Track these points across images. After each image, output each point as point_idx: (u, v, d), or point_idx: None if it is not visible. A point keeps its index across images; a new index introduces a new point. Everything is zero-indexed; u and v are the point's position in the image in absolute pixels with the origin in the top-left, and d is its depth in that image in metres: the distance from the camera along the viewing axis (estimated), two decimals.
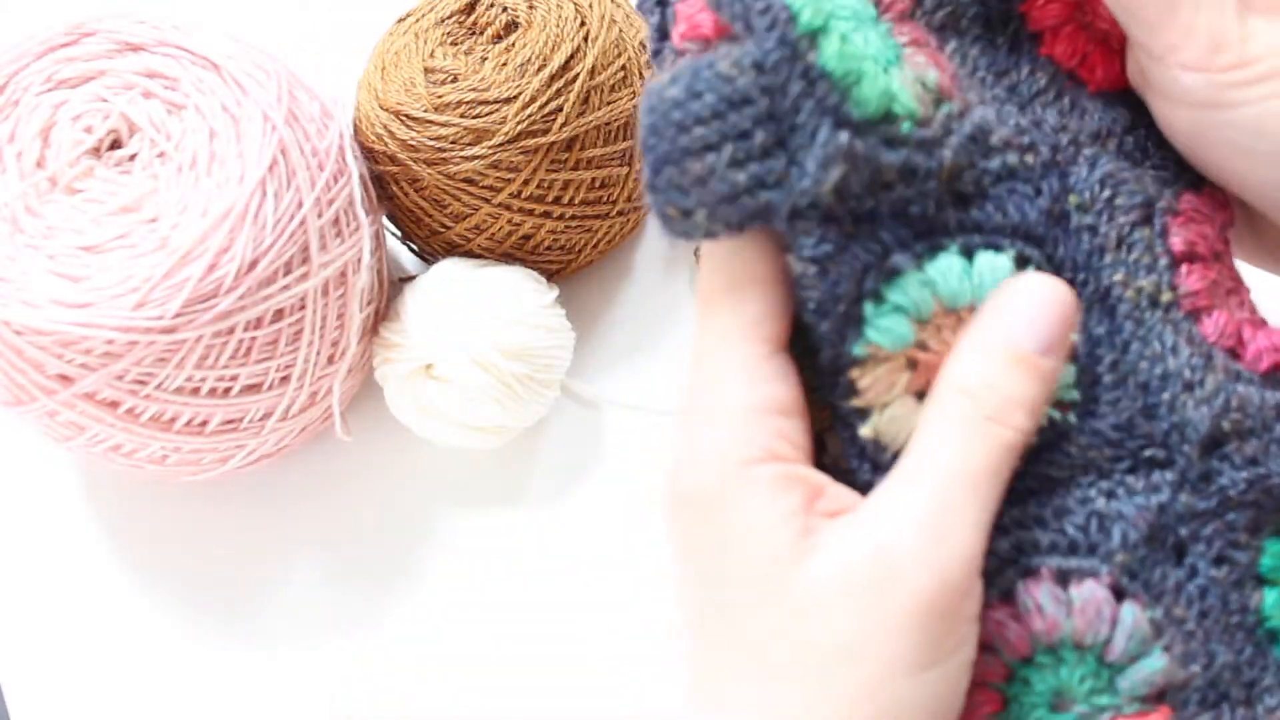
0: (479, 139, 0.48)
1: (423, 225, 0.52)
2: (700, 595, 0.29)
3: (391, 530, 0.52)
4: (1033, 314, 0.28)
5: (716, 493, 0.28)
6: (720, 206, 0.26)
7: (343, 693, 0.49)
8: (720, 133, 0.26)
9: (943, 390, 0.28)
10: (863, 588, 0.26)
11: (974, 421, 0.27)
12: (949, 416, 0.28)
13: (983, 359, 0.28)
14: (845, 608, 0.26)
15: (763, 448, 0.28)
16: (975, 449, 0.27)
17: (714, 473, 0.28)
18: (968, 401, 0.27)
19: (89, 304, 0.43)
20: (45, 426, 0.47)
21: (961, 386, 0.28)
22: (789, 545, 0.27)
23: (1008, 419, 0.27)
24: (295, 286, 0.45)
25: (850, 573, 0.26)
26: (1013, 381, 0.27)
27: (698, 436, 0.29)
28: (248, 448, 0.48)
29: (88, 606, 0.52)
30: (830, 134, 0.25)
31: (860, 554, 0.27)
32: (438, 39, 0.51)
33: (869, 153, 0.25)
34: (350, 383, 0.51)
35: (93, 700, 0.50)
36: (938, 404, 0.28)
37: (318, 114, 0.48)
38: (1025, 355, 0.27)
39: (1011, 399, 0.27)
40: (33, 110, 0.47)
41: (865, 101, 0.25)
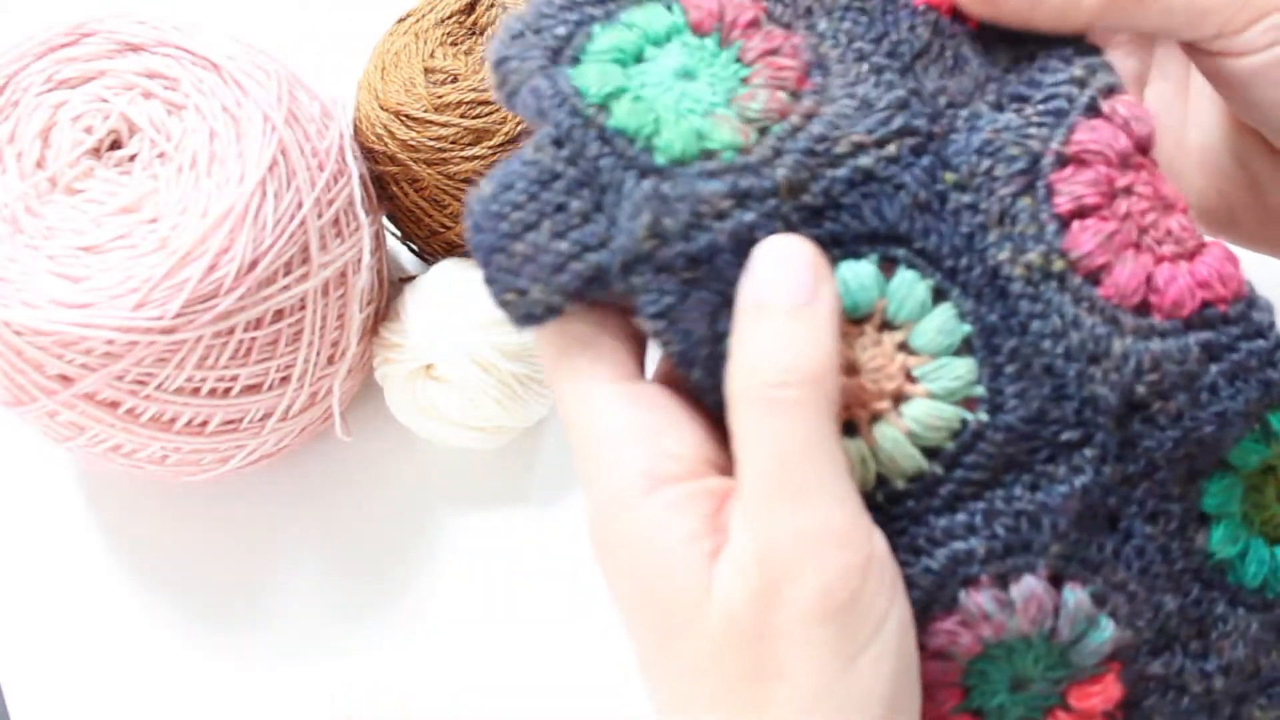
0: (479, 139, 0.48)
1: (423, 225, 0.52)
2: (637, 633, 0.28)
3: (391, 530, 0.52)
4: (770, 272, 0.27)
5: (615, 534, 0.27)
6: (552, 278, 0.27)
7: (343, 693, 0.49)
8: (537, 211, 0.27)
9: (731, 376, 0.27)
10: (758, 605, 0.26)
11: (768, 398, 0.26)
12: (745, 401, 0.27)
13: (747, 332, 0.27)
14: (755, 629, 0.26)
15: (645, 474, 0.27)
16: (779, 427, 0.26)
17: (607, 516, 0.27)
18: (753, 379, 0.27)
19: (89, 304, 0.43)
20: (45, 427, 0.47)
21: (742, 367, 0.27)
22: (696, 573, 0.26)
23: (793, 378, 0.26)
24: (295, 287, 0.45)
25: (741, 594, 0.26)
26: (782, 341, 0.26)
27: (590, 484, 0.28)
28: (248, 448, 0.48)
29: (88, 606, 0.52)
30: (635, 183, 0.26)
31: (739, 573, 0.26)
32: (438, 39, 0.51)
33: (684, 190, 0.26)
34: (350, 383, 0.51)
35: (93, 700, 0.50)
36: (731, 394, 0.27)
37: (318, 114, 0.48)
38: (782, 308, 0.26)
39: (787, 357, 0.26)
40: (33, 110, 0.47)
41: (669, 146, 0.26)
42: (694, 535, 0.26)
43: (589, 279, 0.27)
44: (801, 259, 0.27)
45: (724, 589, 0.26)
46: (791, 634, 0.25)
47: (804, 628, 0.25)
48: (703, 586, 0.26)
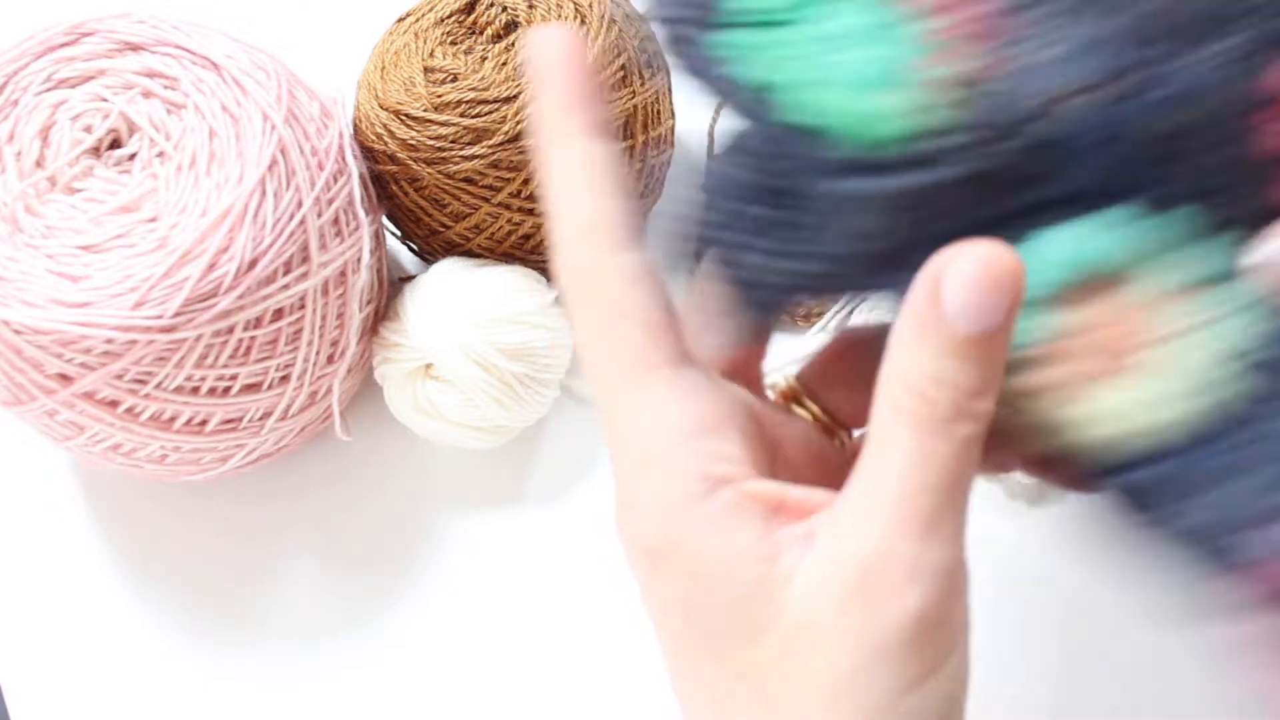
0: (479, 138, 0.48)
1: (422, 225, 0.52)
2: (684, 640, 0.27)
3: (391, 530, 0.52)
4: (966, 292, 0.24)
5: (668, 541, 0.26)
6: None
7: (343, 693, 0.49)
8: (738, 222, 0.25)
9: (890, 388, 0.26)
10: (847, 613, 0.25)
11: (930, 424, 0.25)
12: (903, 419, 0.25)
13: (923, 351, 0.25)
14: (840, 635, 0.25)
15: (699, 477, 0.26)
16: (939, 454, 0.25)
17: (659, 521, 0.26)
18: (918, 402, 0.25)
19: (88, 303, 0.43)
20: (44, 426, 0.47)
21: (908, 385, 0.25)
22: (757, 582, 0.26)
23: (965, 413, 0.25)
24: (295, 286, 0.45)
25: (837, 598, 0.25)
26: (961, 371, 0.25)
27: (632, 484, 0.27)
28: (247, 447, 0.48)
29: (87, 606, 0.52)
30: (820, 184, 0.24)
31: (841, 577, 0.25)
32: (437, 38, 0.51)
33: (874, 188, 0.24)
34: (350, 382, 0.51)
35: (93, 700, 0.50)
36: (888, 403, 0.26)
37: (317, 114, 0.48)
38: (967, 339, 0.25)
39: (963, 390, 0.25)
40: (32, 110, 0.47)
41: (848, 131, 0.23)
42: (752, 542, 0.26)
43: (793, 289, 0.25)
44: (998, 280, 0.24)
45: (808, 594, 0.25)
46: (876, 647, 0.25)
47: (890, 644, 0.25)
48: (766, 594, 0.26)
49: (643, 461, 0.27)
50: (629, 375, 0.27)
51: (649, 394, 0.27)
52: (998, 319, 0.25)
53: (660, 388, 0.27)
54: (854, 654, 0.25)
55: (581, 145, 0.28)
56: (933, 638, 0.26)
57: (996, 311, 0.25)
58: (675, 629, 0.27)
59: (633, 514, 0.27)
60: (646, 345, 0.27)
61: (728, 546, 0.26)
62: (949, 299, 0.25)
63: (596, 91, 0.28)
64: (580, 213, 0.28)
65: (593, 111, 0.28)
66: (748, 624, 0.26)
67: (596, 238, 0.28)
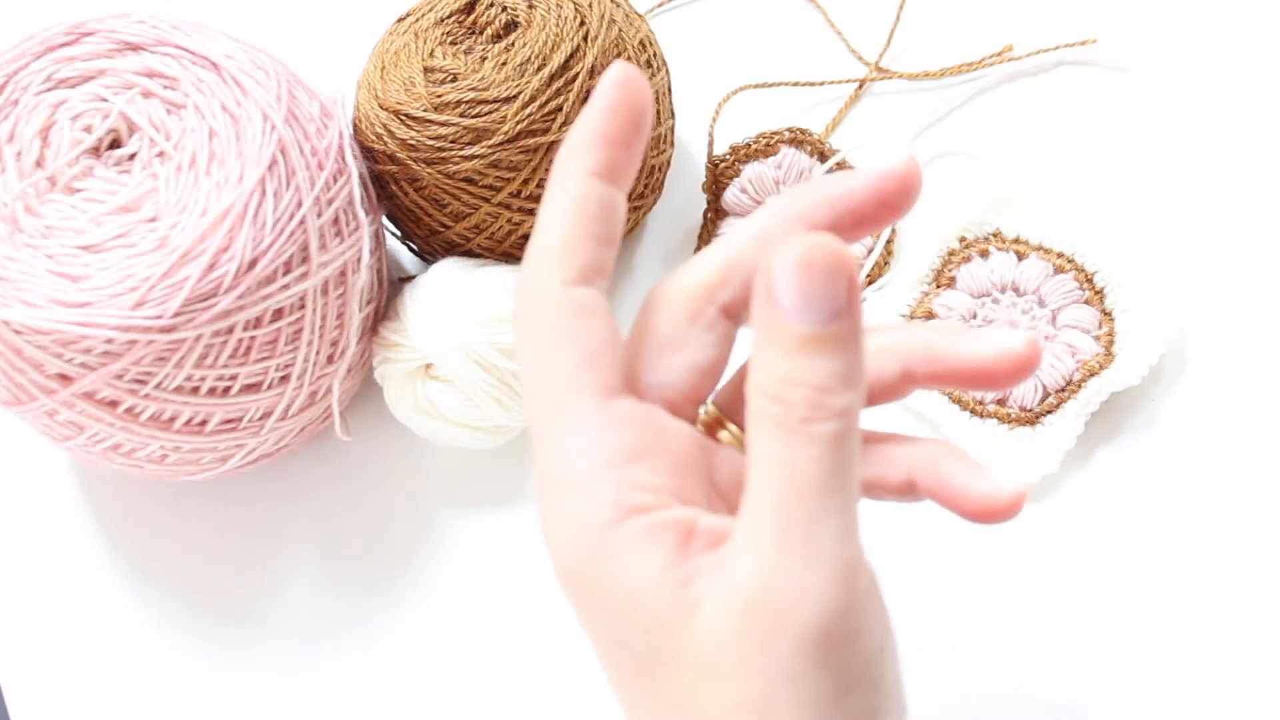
0: (479, 138, 0.48)
1: (422, 225, 0.52)
2: (615, 665, 0.28)
3: (391, 530, 0.52)
4: (800, 286, 0.24)
5: (588, 564, 0.26)
6: None
7: (343, 692, 0.49)
8: None
9: (750, 400, 0.26)
10: (752, 638, 0.25)
11: (789, 427, 0.25)
12: (766, 428, 0.25)
13: (772, 354, 0.25)
14: (744, 662, 0.25)
15: (613, 504, 0.26)
16: (804, 458, 0.25)
17: (578, 546, 0.27)
18: (776, 407, 0.25)
19: (88, 303, 0.43)
20: (44, 426, 0.47)
21: (764, 392, 0.25)
22: (671, 604, 0.26)
23: (825, 410, 0.25)
24: (295, 286, 0.45)
25: (735, 625, 0.25)
26: (812, 369, 0.24)
27: (554, 509, 0.27)
28: (247, 447, 0.48)
29: (87, 606, 0.52)
30: None
31: (736, 603, 0.25)
32: (437, 38, 0.51)
33: None
34: (350, 382, 0.51)
35: (93, 700, 0.50)
36: (750, 416, 0.26)
37: (317, 114, 0.48)
38: (814, 335, 0.24)
39: (817, 387, 0.24)
40: (32, 110, 0.47)
41: None
42: (665, 567, 0.26)
43: None
44: (831, 268, 0.24)
45: (713, 621, 0.25)
46: (783, 670, 0.25)
47: (797, 666, 0.25)
48: (679, 619, 0.26)
49: (560, 485, 0.27)
50: (558, 400, 0.27)
51: (574, 420, 0.27)
52: (836, 306, 0.24)
53: (586, 415, 0.27)
54: (761, 681, 0.25)
55: (583, 180, 0.28)
56: (840, 652, 0.25)
57: (833, 299, 0.24)
58: (606, 654, 0.28)
59: (550, 535, 0.27)
60: (578, 373, 0.27)
61: (638, 573, 0.26)
62: (781, 296, 0.24)
63: (629, 142, 0.29)
64: (550, 238, 0.28)
65: (612, 156, 0.29)
66: (664, 651, 0.26)
67: (556, 266, 0.28)
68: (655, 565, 0.26)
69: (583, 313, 0.28)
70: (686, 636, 0.25)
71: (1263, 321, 0.52)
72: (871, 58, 0.60)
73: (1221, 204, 0.54)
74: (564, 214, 0.28)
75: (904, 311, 0.53)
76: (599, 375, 0.27)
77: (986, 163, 0.56)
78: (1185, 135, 0.56)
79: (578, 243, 0.28)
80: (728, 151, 0.56)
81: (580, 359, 0.27)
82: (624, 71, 0.28)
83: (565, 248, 0.28)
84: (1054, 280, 0.52)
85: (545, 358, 0.28)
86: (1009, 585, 0.48)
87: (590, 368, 0.27)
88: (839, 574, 0.25)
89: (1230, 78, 0.57)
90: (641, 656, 0.26)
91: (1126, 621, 0.47)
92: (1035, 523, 0.49)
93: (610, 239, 0.29)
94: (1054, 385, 0.50)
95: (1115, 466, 0.49)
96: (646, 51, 0.51)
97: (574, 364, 0.27)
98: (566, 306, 0.28)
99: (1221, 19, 0.59)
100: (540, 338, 0.28)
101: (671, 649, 0.26)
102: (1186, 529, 0.48)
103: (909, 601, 0.48)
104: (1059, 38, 0.59)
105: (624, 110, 0.28)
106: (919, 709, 0.46)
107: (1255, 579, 0.47)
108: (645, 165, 0.52)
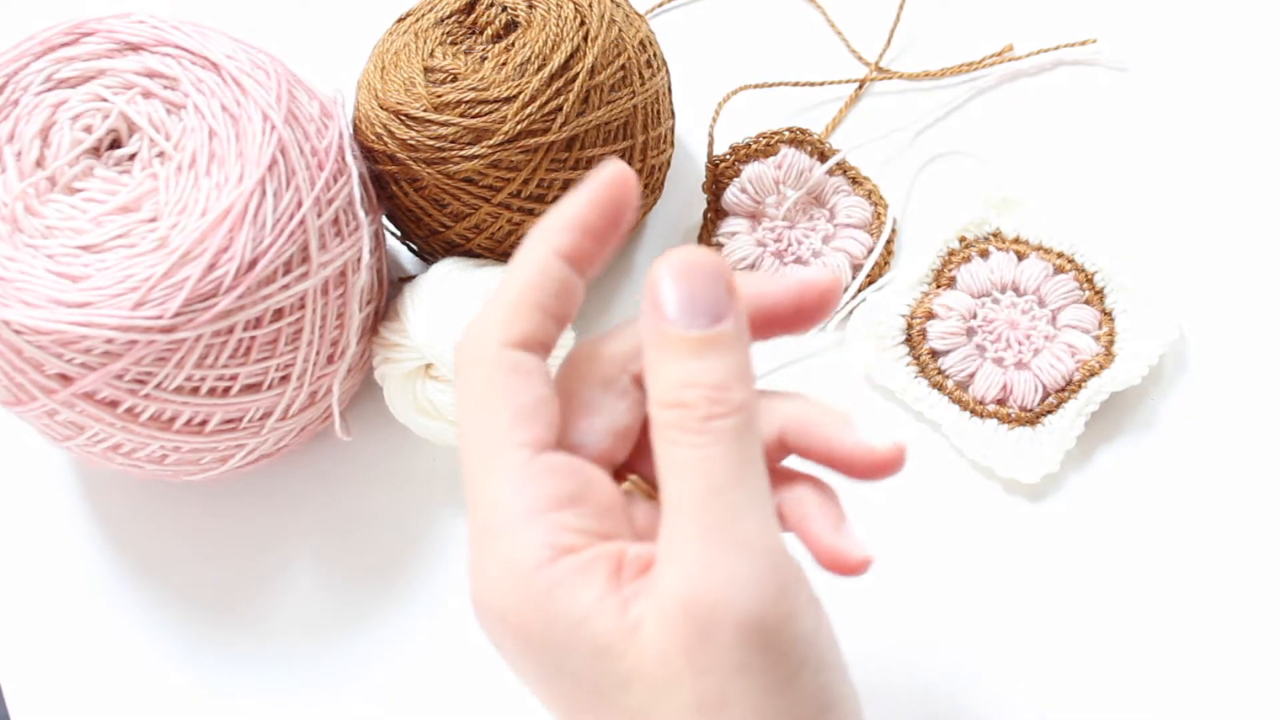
0: (479, 138, 0.48)
1: (422, 225, 0.52)
2: (556, 694, 0.28)
3: (391, 530, 0.52)
4: (683, 292, 0.26)
5: (524, 602, 0.27)
6: None
7: (342, 692, 0.49)
8: None
9: (653, 411, 0.27)
10: (693, 640, 0.26)
11: (695, 426, 0.26)
12: (671, 436, 0.26)
13: (665, 362, 0.27)
14: (691, 665, 0.26)
15: (545, 545, 0.27)
16: (713, 454, 0.26)
17: (511, 588, 0.27)
18: (677, 412, 0.26)
19: (88, 303, 0.43)
20: (45, 426, 0.47)
21: (663, 400, 0.27)
22: (613, 629, 0.26)
23: (725, 405, 0.26)
24: (295, 286, 0.45)
25: (675, 631, 0.26)
26: (705, 368, 0.26)
27: (486, 555, 0.28)
28: (247, 447, 0.48)
29: (87, 606, 0.52)
30: None
31: (672, 610, 0.26)
32: (437, 38, 0.51)
33: None
34: (350, 382, 0.51)
35: (93, 700, 0.50)
36: (657, 428, 0.27)
37: (317, 114, 0.48)
38: (701, 337, 0.26)
39: (714, 384, 0.26)
40: (32, 110, 0.47)
41: None
42: (601, 595, 0.27)
43: None
44: (705, 273, 0.26)
45: (654, 633, 0.26)
46: (730, 664, 0.25)
47: (742, 657, 0.25)
48: (622, 641, 0.26)
49: (492, 532, 0.28)
50: (491, 453, 0.28)
51: (506, 471, 0.28)
52: (719, 309, 0.26)
53: (516, 467, 0.28)
54: (711, 679, 0.26)
55: (548, 257, 0.30)
56: (781, 637, 0.26)
57: (716, 302, 0.26)
58: (548, 688, 0.28)
59: (482, 580, 0.28)
60: (511, 429, 0.28)
61: (577, 605, 0.27)
62: (667, 304, 0.26)
63: (603, 235, 0.30)
64: (501, 301, 0.30)
65: (582, 244, 0.30)
66: (613, 674, 0.27)
67: (502, 326, 0.29)
68: (592, 595, 0.27)
69: (519, 372, 0.29)
70: (635, 655, 0.26)
71: (1263, 321, 0.52)
72: (871, 58, 0.60)
73: (1221, 204, 0.54)
74: (520, 283, 0.30)
75: (904, 311, 0.53)
76: (530, 431, 0.28)
77: (986, 163, 0.56)
78: (1185, 135, 0.56)
79: (525, 311, 0.29)
80: (728, 151, 0.56)
81: (513, 415, 0.28)
82: (617, 171, 0.30)
83: (513, 313, 0.29)
84: (1054, 280, 0.52)
85: (481, 410, 0.29)
86: (1009, 585, 0.48)
87: (522, 424, 0.28)
88: (767, 561, 0.26)
89: (1230, 78, 0.57)
90: (590, 683, 0.27)
91: (1126, 621, 0.47)
92: (1035, 523, 0.49)
93: (561, 317, 0.30)
94: (1054, 385, 0.50)
95: (1115, 466, 0.49)
96: (646, 51, 0.51)
97: (508, 420, 0.28)
98: (503, 365, 0.29)
99: (1221, 19, 0.59)
100: (477, 391, 0.29)
101: (620, 670, 0.26)
102: (1186, 529, 0.48)
103: (909, 601, 0.48)
104: (1059, 38, 0.59)
105: (606, 205, 0.30)
106: (917, 707, 0.46)
107: (1255, 579, 0.47)
108: (646, 165, 0.52)
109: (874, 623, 0.46)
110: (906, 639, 0.47)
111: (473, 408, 0.29)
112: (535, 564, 0.27)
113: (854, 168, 0.56)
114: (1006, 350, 0.51)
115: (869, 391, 0.52)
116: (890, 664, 0.46)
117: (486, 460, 0.28)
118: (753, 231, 0.55)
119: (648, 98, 0.51)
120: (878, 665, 0.46)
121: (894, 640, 0.47)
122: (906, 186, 0.56)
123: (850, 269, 0.54)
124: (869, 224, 0.55)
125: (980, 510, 0.49)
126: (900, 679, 0.46)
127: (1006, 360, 0.51)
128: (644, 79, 0.51)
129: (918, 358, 0.52)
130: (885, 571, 0.47)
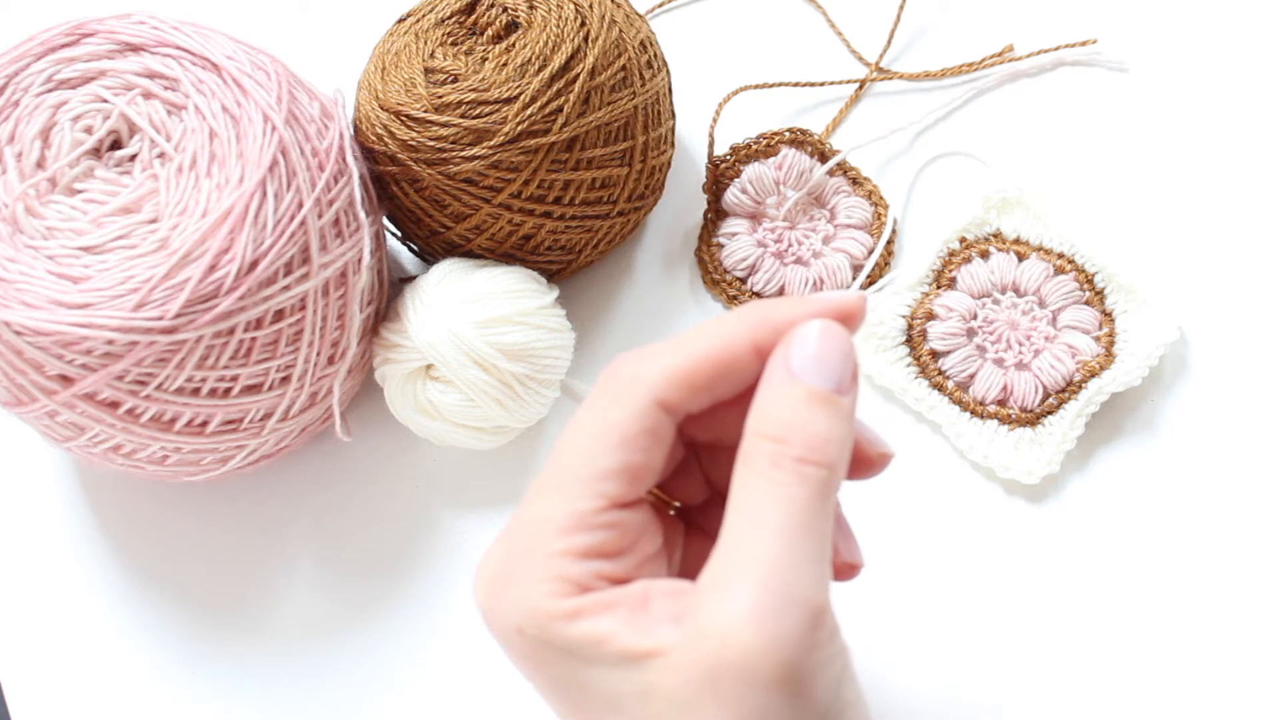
0: (479, 139, 0.48)
1: (423, 225, 0.52)
2: (570, 701, 0.29)
3: (391, 530, 0.52)
4: (820, 353, 0.28)
5: (544, 620, 0.28)
6: None
7: (342, 692, 0.49)
8: None
9: (749, 440, 0.28)
10: (724, 678, 0.26)
11: (787, 465, 0.27)
12: (760, 466, 0.27)
13: (782, 401, 0.28)
14: (717, 698, 0.26)
15: (579, 586, 0.28)
16: (796, 495, 0.27)
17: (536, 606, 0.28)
18: (775, 446, 0.27)
19: (89, 304, 0.43)
20: (45, 427, 0.47)
21: (763, 433, 0.28)
22: (638, 643, 0.27)
23: (821, 454, 0.27)
24: (295, 287, 0.45)
25: (707, 665, 0.26)
26: (816, 420, 0.27)
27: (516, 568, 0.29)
28: (248, 448, 0.48)
29: (88, 607, 0.52)
30: None
31: (709, 645, 0.26)
32: (438, 39, 0.51)
33: None
34: (350, 383, 0.51)
35: (93, 700, 0.50)
36: (745, 456, 0.28)
37: (318, 114, 0.48)
38: (823, 393, 0.28)
39: (819, 436, 0.27)
40: (33, 111, 0.47)
41: None
42: (628, 618, 0.27)
43: None
44: (845, 349, 0.28)
45: (686, 658, 0.26)
46: (757, 706, 0.26)
47: (769, 702, 0.26)
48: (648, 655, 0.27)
49: (532, 550, 0.29)
50: (576, 480, 0.29)
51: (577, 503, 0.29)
52: (844, 381, 0.28)
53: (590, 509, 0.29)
54: (732, 713, 0.26)
55: (747, 350, 0.30)
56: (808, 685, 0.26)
57: (843, 374, 0.28)
58: (561, 695, 0.29)
59: (508, 589, 0.29)
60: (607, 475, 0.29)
61: (600, 625, 0.28)
62: (798, 355, 0.28)
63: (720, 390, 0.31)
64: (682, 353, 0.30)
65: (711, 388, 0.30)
66: (635, 683, 0.27)
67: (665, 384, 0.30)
68: (617, 618, 0.28)
69: (650, 434, 0.29)
70: (661, 670, 0.27)
71: (1263, 321, 0.52)
72: (872, 58, 0.60)
73: (1221, 205, 0.54)
74: (705, 352, 0.30)
75: (904, 312, 0.53)
76: (619, 486, 0.29)
77: (986, 163, 0.56)
78: (1185, 135, 0.56)
79: (693, 386, 0.30)
80: (728, 152, 0.56)
81: (618, 467, 0.29)
82: (853, 300, 0.30)
83: (683, 378, 0.30)
84: (1054, 281, 0.52)
85: (595, 440, 0.29)
86: (1009, 586, 0.48)
87: (618, 479, 0.29)
88: (810, 618, 0.26)
89: (1230, 78, 0.57)
90: (608, 692, 0.28)
91: (1126, 621, 0.47)
92: (1036, 524, 0.49)
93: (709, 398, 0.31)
94: (1054, 386, 0.50)
95: (1115, 467, 0.49)
96: (647, 52, 0.51)
97: (609, 468, 0.29)
98: (645, 419, 0.29)
99: (1221, 19, 0.59)
100: (603, 424, 0.29)
101: (643, 682, 0.27)
102: (1186, 529, 0.48)
103: (909, 602, 0.48)
104: (1059, 38, 0.59)
105: (830, 334, 0.30)
106: (917, 707, 0.46)
107: (1255, 579, 0.47)
108: (646, 166, 0.52)
109: (874, 623, 0.46)
110: (907, 639, 0.47)
111: (589, 432, 0.29)
112: (563, 593, 0.28)
113: (854, 168, 0.56)
114: (1007, 351, 0.51)
115: (869, 392, 0.52)
116: (891, 664, 0.46)
117: (567, 485, 0.29)
118: (753, 232, 0.55)
119: (648, 98, 0.51)
120: (878, 666, 0.46)
121: (894, 641, 0.47)
122: (907, 187, 0.56)
123: (850, 269, 0.54)
124: (869, 224, 0.55)
125: (981, 511, 0.49)
126: (901, 679, 0.46)
127: (1007, 361, 0.51)
128: (644, 80, 0.51)
129: (918, 358, 0.52)
130: (885, 572, 0.47)
